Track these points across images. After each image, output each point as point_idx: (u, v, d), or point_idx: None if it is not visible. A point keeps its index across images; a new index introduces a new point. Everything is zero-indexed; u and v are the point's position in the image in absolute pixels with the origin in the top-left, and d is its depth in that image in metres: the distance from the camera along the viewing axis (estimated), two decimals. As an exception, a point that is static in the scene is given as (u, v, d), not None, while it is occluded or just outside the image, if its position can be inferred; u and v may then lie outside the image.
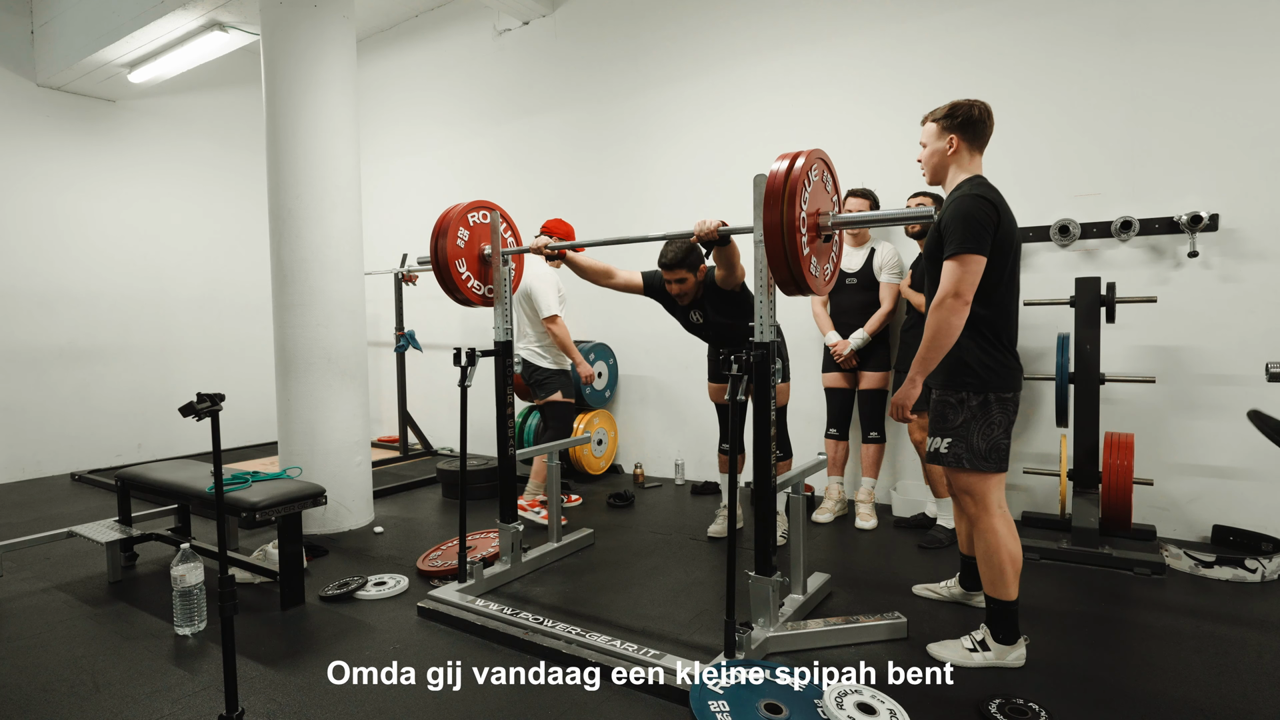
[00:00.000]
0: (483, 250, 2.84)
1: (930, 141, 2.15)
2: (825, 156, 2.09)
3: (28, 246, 5.12)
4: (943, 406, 2.13)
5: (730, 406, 2.11)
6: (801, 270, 1.93)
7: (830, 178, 2.14)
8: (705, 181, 4.44)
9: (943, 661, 2.08)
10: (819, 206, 2.04)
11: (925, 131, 2.17)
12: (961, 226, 1.95)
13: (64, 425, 5.30)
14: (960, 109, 2.10)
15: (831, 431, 3.69)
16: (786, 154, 1.95)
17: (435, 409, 5.87)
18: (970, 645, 2.11)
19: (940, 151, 2.13)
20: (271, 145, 3.57)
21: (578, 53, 4.97)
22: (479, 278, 2.84)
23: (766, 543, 2.18)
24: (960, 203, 1.99)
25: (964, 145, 2.10)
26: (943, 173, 2.15)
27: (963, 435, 2.07)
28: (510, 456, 2.84)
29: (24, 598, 2.80)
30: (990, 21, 3.51)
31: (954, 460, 2.09)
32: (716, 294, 2.98)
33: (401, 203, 6.15)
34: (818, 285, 2.04)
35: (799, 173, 1.90)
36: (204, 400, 1.66)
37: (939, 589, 2.63)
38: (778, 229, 1.90)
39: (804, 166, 1.92)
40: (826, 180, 2.11)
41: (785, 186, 1.89)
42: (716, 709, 1.77)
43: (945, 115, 2.11)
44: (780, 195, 1.89)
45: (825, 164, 2.09)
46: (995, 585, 2.08)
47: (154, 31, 4.44)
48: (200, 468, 3.11)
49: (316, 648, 2.32)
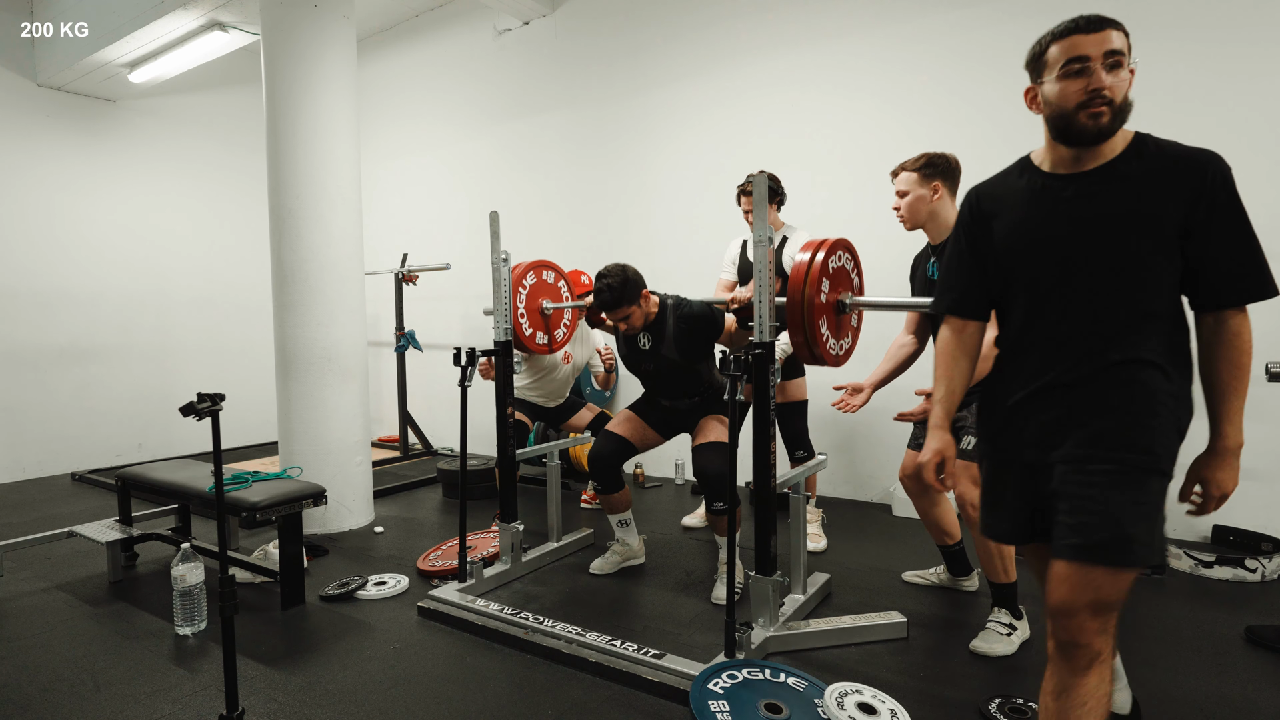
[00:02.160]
0: (542, 305, 3.09)
1: (912, 189, 2.28)
2: (849, 245, 2.24)
3: (28, 246, 5.12)
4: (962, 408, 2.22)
5: (730, 407, 2.11)
6: (820, 348, 2.11)
7: (854, 260, 2.29)
8: (705, 180, 4.44)
9: (999, 655, 2.15)
10: (841, 289, 2.20)
11: (903, 180, 2.29)
12: None
13: (64, 425, 5.31)
14: (938, 158, 2.26)
15: None
16: (811, 243, 2.10)
17: (435, 409, 5.87)
18: (1005, 631, 2.21)
19: (924, 198, 2.26)
20: (272, 145, 3.57)
21: (578, 52, 4.97)
22: (539, 329, 3.09)
23: (766, 542, 2.18)
24: None
25: (946, 191, 2.26)
26: (925, 217, 2.29)
27: None
28: (510, 456, 2.84)
29: (24, 597, 2.81)
30: (990, 21, 3.51)
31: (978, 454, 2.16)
32: (683, 329, 2.63)
33: (402, 203, 6.15)
34: (834, 360, 2.20)
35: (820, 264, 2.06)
36: (204, 400, 1.66)
37: (929, 575, 2.75)
38: (798, 308, 2.06)
39: (825, 258, 2.08)
40: (849, 263, 2.25)
41: (806, 276, 2.05)
42: (716, 709, 1.77)
43: (925, 165, 2.26)
44: (802, 283, 2.06)
45: (848, 250, 2.25)
46: (1006, 571, 2.23)
47: (154, 31, 4.45)
48: (200, 468, 3.11)
49: (317, 647, 2.32)
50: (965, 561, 2.62)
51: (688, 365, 2.68)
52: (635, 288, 2.60)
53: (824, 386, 4.06)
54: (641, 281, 2.64)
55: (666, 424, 2.88)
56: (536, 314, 3.07)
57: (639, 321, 2.66)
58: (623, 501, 2.87)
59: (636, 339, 2.74)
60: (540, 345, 3.07)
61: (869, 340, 3.94)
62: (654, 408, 2.88)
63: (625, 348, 2.81)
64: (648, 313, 2.68)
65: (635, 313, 2.63)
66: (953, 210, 2.27)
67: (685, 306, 2.65)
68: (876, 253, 3.59)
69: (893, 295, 3.63)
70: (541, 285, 3.09)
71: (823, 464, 2.70)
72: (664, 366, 2.71)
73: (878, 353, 3.87)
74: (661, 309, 2.70)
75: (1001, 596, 2.25)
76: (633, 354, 2.78)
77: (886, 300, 2.27)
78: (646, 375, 2.81)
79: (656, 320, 2.70)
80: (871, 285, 3.87)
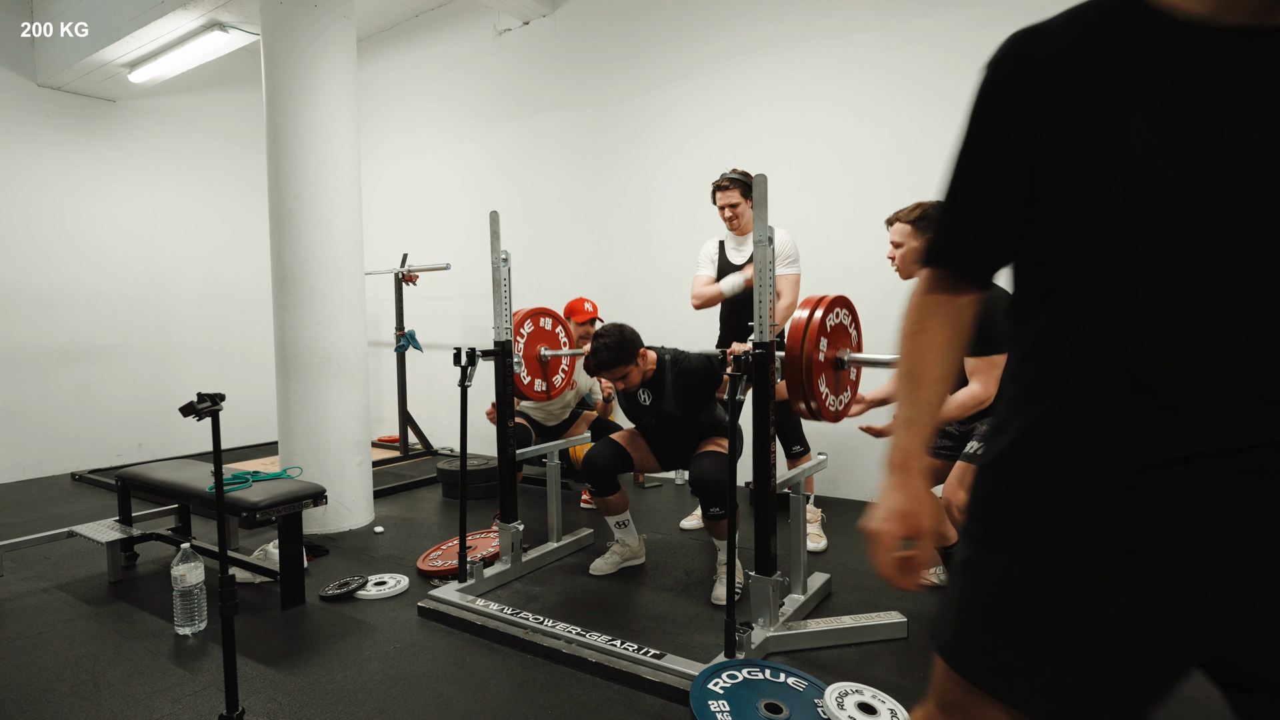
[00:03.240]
0: (540, 353, 3.10)
1: (906, 241, 2.31)
2: (847, 301, 2.24)
3: (28, 246, 5.12)
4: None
5: (730, 407, 2.11)
6: (819, 404, 2.10)
7: (851, 317, 2.29)
8: (705, 180, 4.43)
9: None
10: (839, 345, 2.21)
11: (897, 231, 2.33)
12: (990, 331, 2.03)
13: (64, 425, 5.31)
14: (930, 211, 2.27)
15: None
16: (810, 300, 2.11)
17: (435, 409, 5.87)
18: None
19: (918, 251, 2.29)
20: (272, 145, 3.57)
21: (578, 52, 4.97)
22: (536, 375, 3.11)
23: (766, 542, 2.18)
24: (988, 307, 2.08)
25: None
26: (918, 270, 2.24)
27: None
28: (510, 456, 2.85)
29: (24, 597, 2.81)
30: (991, 22, 3.51)
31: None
32: (681, 383, 2.68)
33: (402, 203, 6.15)
34: (832, 416, 2.19)
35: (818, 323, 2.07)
36: (204, 400, 1.66)
37: (929, 575, 2.74)
38: (798, 367, 2.05)
39: (822, 317, 2.08)
40: (847, 319, 2.26)
41: (805, 333, 2.06)
42: (716, 709, 1.77)
43: (920, 218, 2.29)
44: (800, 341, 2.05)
45: (847, 308, 2.25)
46: None
47: (154, 31, 4.44)
48: (200, 468, 3.11)
49: (317, 647, 2.32)
50: None
51: (689, 418, 2.72)
52: (632, 347, 2.61)
53: (824, 386, 4.07)
54: (638, 341, 2.65)
55: (668, 455, 2.89)
56: (534, 360, 3.08)
57: (636, 379, 2.67)
58: (619, 504, 2.87)
59: (636, 394, 2.76)
60: (539, 393, 3.11)
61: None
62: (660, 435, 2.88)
63: (626, 402, 2.84)
64: (645, 370, 2.69)
65: (633, 372, 2.64)
66: None
67: (684, 362, 2.67)
68: (877, 253, 3.59)
69: (888, 350, 3.62)
70: (539, 333, 3.11)
71: (823, 464, 2.70)
72: (665, 421, 2.76)
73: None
74: (660, 365, 2.71)
75: None
76: (633, 408, 2.82)
77: (884, 358, 2.22)
78: (650, 429, 2.84)
79: (655, 376, 2.71)
80: (872, 295, 3.88)
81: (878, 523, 0.90)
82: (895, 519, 0.88)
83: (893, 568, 0.89)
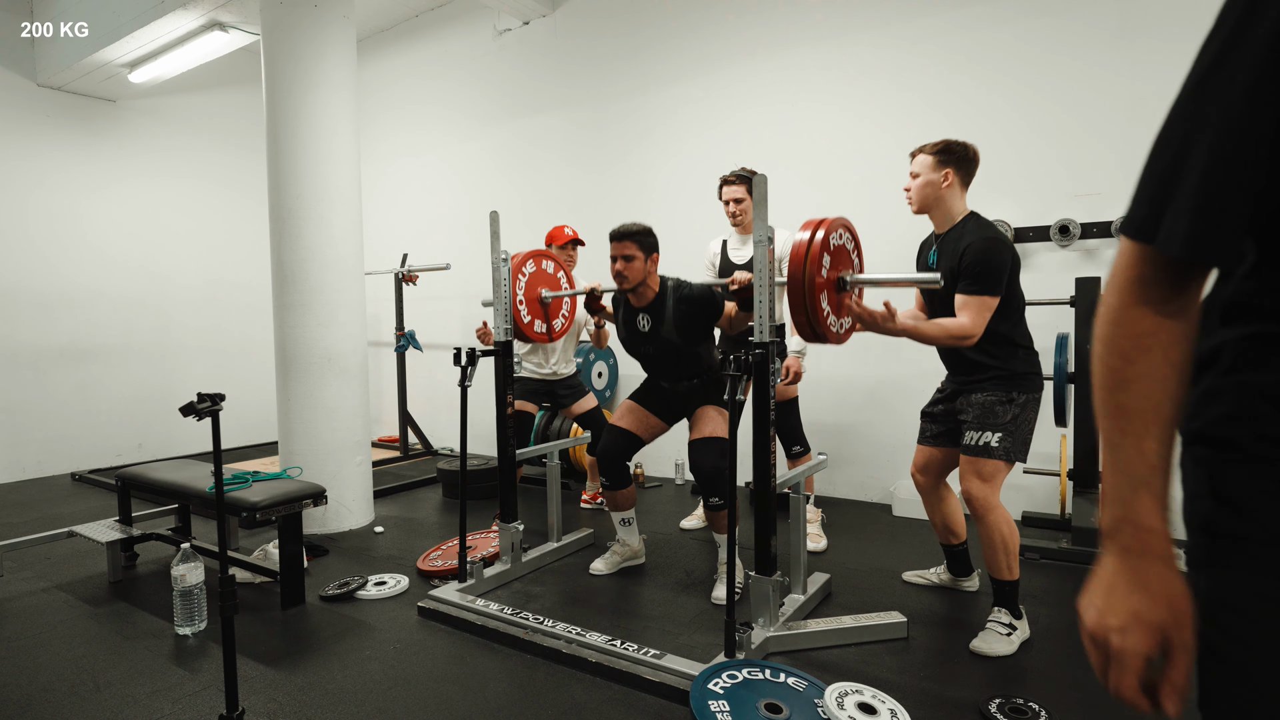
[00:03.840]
0: (541, 294, 3.06)
1: (924, 172, 2.26)
2: (848, 223, 2.21)
3: (28, 246, 5.12)
4: (990, 404, 2.22)
5: (730, 407, 2.11)
6: (822, 326, 2.07)
7: (853, 240, 2.25)
8: (705, 180, 4.44)
9: (1000, 655, 2.15)
10: (841, 267, 2.16)
11: (919, 163, 2.28)
12: (986, 270, 2.11)
13: (64, 425, 5.31)
14: (956, 146, 2.26)
15: None
16: (811, 222, 2.07)
17: (435, 409, 5.87)
18: (1005, 631, 2.21)
19: (934, 184, 2.25)
20: (272, 145, 3.57)
21: (578, 52, 4.97)
22: (537, 317, 3.06)
23: (766, 542, 2.18)
24: (986, 246, 2.13)
25: (958, 180, 2.25)
26: (933, 203, 2.29)
27: (1012, 430, 2.19)
28: (510, 456, 2.84)
29: (24, 597, 2.81)
30: (991, 21, 3.51)
31: (1003, 454, 2.19)
32: (683, 309, 2.61)
33: (402, 202, 6.15)
34: (835, 338, 2.16)
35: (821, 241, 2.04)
36: (204, 400, 1.66)
37: (929, 575, 2.74)
38: (799, 286, 2.02)
39: (826, 235, 2.05)
40: (849, 242, 2.22)
41: (807, 253, 2.03)
42: (716, 709, 1.77)
43: (942, 150, 2.24)
44: (803, 260, 2.02)
45: (848, 229, 2.21)
46: (1010, 568, 2.22)
47: (154, 31, 4.44)
48: (200, 468, 3.11)
49: (317, 647, 2.32)
50: (967, 562, 2.62)
51: (687, 347, 2.66)
52: (652, 242, 2.62)
53: (820, 386, 4.07)
54: (657, 244, 2.65)
55: (668, 408, 2.84)
56: (535, 303, 3.06)
57: (636, 275, 2.61)
58: (628, 499, 2.87)
59: (636, 321, 2.72)
60: (539, 334, 3.06)
61: (870, 340, 3.95)
62: (654, 393, 2.85)
63: (625, 330, 2.78)
64: (648, 277, 2.65)
65: (637, 260, 2.59)
66: (961, 200, 2.26)
67: (686, 288, 2.64)
68: (878, 252, 3.59)
69: (894, 296, 3.60)
70: (541, 274, 3.07)
71: (823, 464, 2.70)
72: (664, 348, 2.69)
73: (879, 352, 3.88)
74: (662, 290, 2.68)
75: (1003, 595, 2.24)
76: (632, 336, 2.76)
77: (887, 276, 2.25)
78: (646, 358, 2.79)
79: (656, 301, 2.67)
80: (872, 294, 3.88)
81: (1116, 634, 0.65)
82: (1141, 630, 0.64)
83: (1138, 693, 0.65)
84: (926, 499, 2.54)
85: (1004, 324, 2.19)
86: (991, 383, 2.23)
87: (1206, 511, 0.64)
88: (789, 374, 3.05)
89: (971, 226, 2.21)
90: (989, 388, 2.23)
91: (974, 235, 2.17)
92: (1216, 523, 0.64)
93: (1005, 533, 2.19)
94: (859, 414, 3.98)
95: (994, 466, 2.20)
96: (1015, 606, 2.24)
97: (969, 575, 2.65)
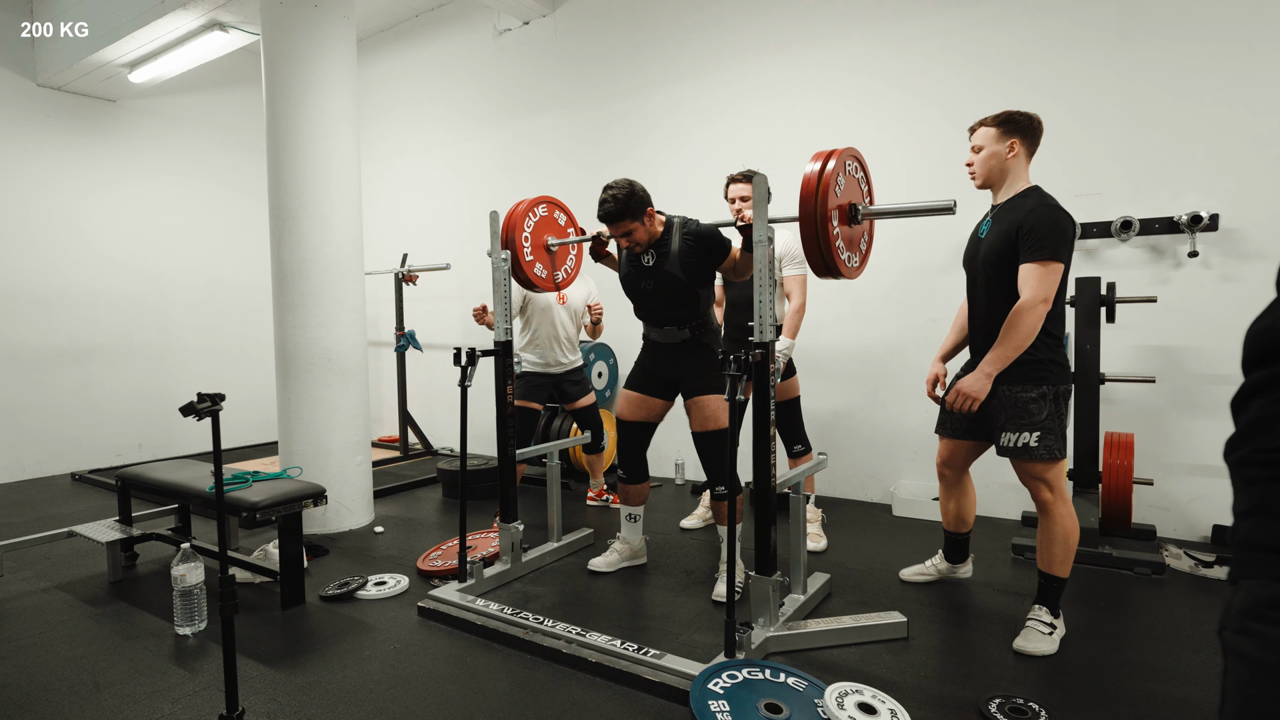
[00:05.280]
0: (547, 242, 3.01)
1: (988, 144, 2.21)
2: (858, 154, 2.17)
3: (28, 246, 5.12)
4: (1024, 402, 2.16)
5: (730, 406, 2.10)
6: (834, 258, 2.02)
7: (863, 172, 2.23)
8: (705, 180, 4.44)
9: (1043, 654, 2.14)
10: (850, 199, 2.12)
11: (981, 135, 2.23)
12: (1055, 235, 2.06)
13: (64, 425, 5.31)
14: (1019, 116, 2.20)
15: None
16: (821, 153, 2.04)
17: (435, 409, 5.87)
18: (1046, 629, 2.19)
19: (999, 155, 2.20)
20: (272, 145, 3.57)
21: (578, 52, 4.97)
22: (544, 264, 3.02)
23: (766, 542, 2.18)
24: (1051, 212, 2.10)
25: (1024, 150, 2.21)
26: (998, 175, 2.23)
27: (1050, 427, 2.14)
28: (510, 456, 2.85)
29: (24, 597, 2.81)
30: (991, 21, 3.51)
31: (1046, 453, 2.14)
32: (690, 245, 2.57)
33: (402, 202, 6.15)
34: (849, 271, 2.13)
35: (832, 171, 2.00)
36: (204, 400, 1.66)
37: (927, 569, 2.74)
38: (811, 219, 1.98)
39: (837, 167, 2.02)
40: (858, 174, 2.19)
41: (819, 181, 1.98)
42: (716, 709, 1.77)
43: (1005, 121, 2.19)
44: (815, 189, 1.98)
45: (858, 160, 2.18)
46: (1065, 564, 2.20)
47: (154, 31, 4.44)
48: (200, 467, 3.11)
49: (317, 647, 2.32)
50: (966, 549, 2.65)
51: (688, 285, 2.60)
52: (640, 203, 2.52)
53: (820, 385, 4.07)
54: (648, 199, 2.56)
55: (664, 384, 2.78)
56: (542, 250, 3.00)
57: (643, 238, 2.58)
58: (641, 494, 2.88)
59: (641, 256, 2.66)
60: (542, 279, 2.99)
61: (871, 340, 3.95)
62: (646, 371, 2.80)
63: (628, 266, 2.73)
64: (652, 231, 2.59)
65: (638, 229, 2.55)
66: (1025, 171, 2.21)
67: (693, 224, 2.60)
68: (878, 251, 3.59)
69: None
70: (549, 221, 3.02)
71: (823, 464, 2.69)
72: (664, 284, 2.62)
73: (880, 352, 3.88)
74: (668, 227, 2.63)
75: (1049, 591, 2.22)
76: (634, 271, 2.69)
77: (900, 206, 2.16)
78: (645, 294, 2.69)
79: (663, 238, 2.62)
80: (873, 294, 3.88)
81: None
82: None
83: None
84: (948, 489, 2.52)
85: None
86: (1019, 369, 2.15)
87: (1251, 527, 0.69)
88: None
89: (1035, 198, 2.15)
90: (1016, 377, 2.16)
91: (1037, 202, 2.12)
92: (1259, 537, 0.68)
93: (1069, 527, 2.18)
94: (859, 414, 3.98)
95: (1044, 467, 2.16)
96: (1057, 605, 2.22)
97: (964, 561, 2.67)
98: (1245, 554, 0.67)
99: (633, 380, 2.84)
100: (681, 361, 2.71)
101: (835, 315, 3.98)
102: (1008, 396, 2.18)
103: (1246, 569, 0.67)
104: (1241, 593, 0.67)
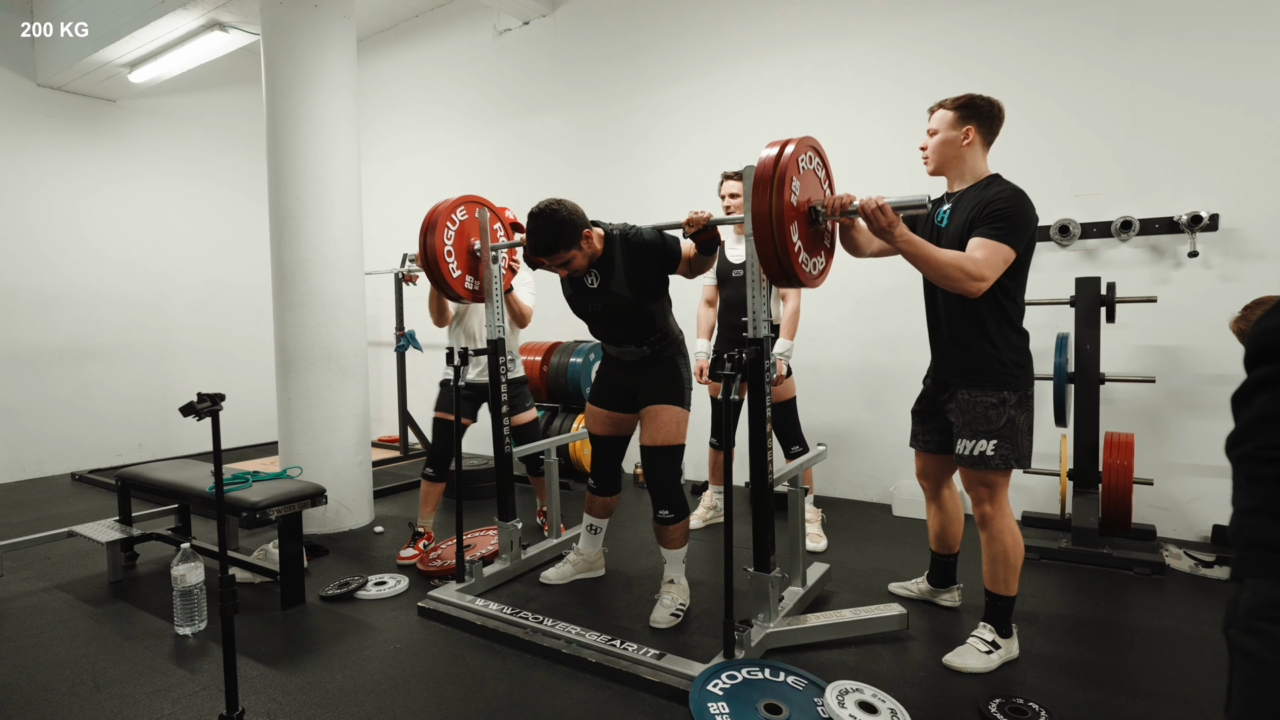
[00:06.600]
0: (472, 245, 2.80)
1: (943, 129, 2.10)
2: (817, 144, 2.03)
3: (28, 246, 5.12)
4: (981, 407, 2.04)
5: (725, 406, 2.05)
6: (792, 262, 1.85)
7: (823, 165, 2.09)
8: (705, 180, 4.44)
9: (974, 671, 2.05)
10: (810, 195, 1.97)
11: (937, 119, 2.11)
12: (1014, 219, 1.93)
13: (64, 425, 5.31)
14: (980, 100, 2.07)
15: (713, 440, 3.53)
16: (777, 141, 1.89)
17: (435, 409, 5.86)
18: (985, 648, 2.10)
19: (954, 141, 2.08)
20: (272, 145, 3.57)
21: (578, 52, 4.97)
22: (468, 272, 2.81)
23: (764, 538, 2.18)
24: (1019, 198, 1.97)
25: (979, 138, 2.08)
26: (951, 162, 2.11)
27: (1009, 436, 2.02)
28: (507, 456, 2.84)
29: (24, 597, 2.81)
30: (991, 21, 3.51)
31: (1002, 463, 2.03)
32: (635, 262, 2.33)
33: (402, 202, 6.15)
34: (808, 278, 1.96)
35: (789, 159, 1.83)
36: (204, 400, 1.66)
37: (910, 587, 2.63)
38: (766, 218, 1.81)
39: (794, 153, 1.85)
40: (819, 168, 2.06)
41: (775, 173, 1.80)
42: (716, 710, 1.76)
43: (964, 105, 2.07)
44: (769, 182, 1.81)
45: (817, 151, 2.03)
46: (1008, 583, 2.10)
47: (154, 31, 4.44)
48: (200, 467, 3.11)
49: (317, 647, 2.32)
50: (952, 575, 2.52)
51: (639, 303, 2.36)
52: (573, 228, 2.22)
53: (819, 386, 4.07)
54: (582, 219, 2.26)
55: (625, 396, 2.58)
56: (465, 254, 2.73)
57: (583, 264, 2.31)
58: (608, 507, 2.77)
59: (584, 277, 2.40)
60: (466, 290, 2.76)
61: (870, 340, 3.95)
62: (608, 385, 2.61)
63: (570, 288, 2.46)
64: (592, 252, 2.32)
65: (577, 256, 2.27)
66: (984, 159, 2.09)
67: (635, 235, 2.33)
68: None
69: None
70: (473, 224, 2.76)
71: (822, 455, 2.68)
72: (613, 305, 2.37)
73: (880, 352, 3.88)
74: (609, 243, 2.35)
75: (994, 610, 2.12)
76: (579, 294, 2.44)
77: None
78: (593, 317, 2.47)
79: (604, 256, 2.35)
80: (872, 294, 3.88)
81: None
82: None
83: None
84: (929, 504, 2.44)
85: (1005, 298, 2.01)
86: (979, 374, 2.05)
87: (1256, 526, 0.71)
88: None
89: (1001, 184, 2.02)
90: (976, 380, 2.06)
91: (1006, 186, 2.00)
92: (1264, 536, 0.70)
93: (1008, 544, 2.07)
94: (859, 414, 3.98)
95: (994, 477, 2.06)
96: (1006, 625, 2.12)
97: (949, 589, 2.52)
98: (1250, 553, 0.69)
99: (598, 395, 2.65)
100: (640, 375, 2.52)
101: (835, 315, 3.98)
102: (966, 401, 2.07)
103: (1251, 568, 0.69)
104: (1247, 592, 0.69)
